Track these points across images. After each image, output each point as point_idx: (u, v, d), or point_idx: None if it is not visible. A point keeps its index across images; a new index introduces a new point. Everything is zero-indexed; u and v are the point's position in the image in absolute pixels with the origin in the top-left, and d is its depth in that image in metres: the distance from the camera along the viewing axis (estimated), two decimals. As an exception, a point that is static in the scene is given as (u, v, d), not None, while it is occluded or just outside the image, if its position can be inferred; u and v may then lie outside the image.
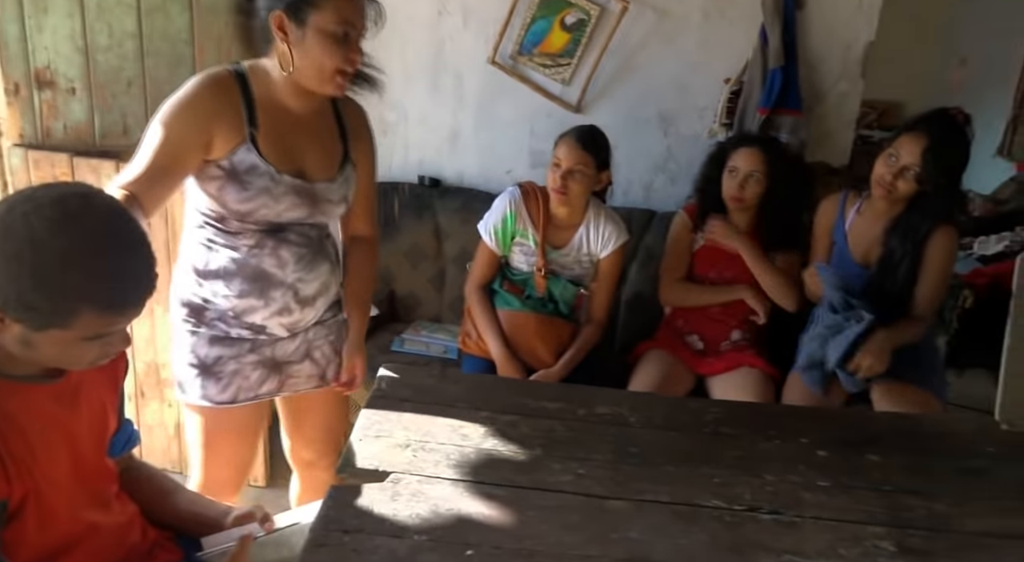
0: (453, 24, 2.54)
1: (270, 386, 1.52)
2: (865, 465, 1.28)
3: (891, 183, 1.87)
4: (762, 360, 2.13)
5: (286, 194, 1.38)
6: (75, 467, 1.07)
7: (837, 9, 2.39)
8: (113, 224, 0.94)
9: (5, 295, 0.88)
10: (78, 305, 0.90)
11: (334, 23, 1.29)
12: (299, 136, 1.41)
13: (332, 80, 1.34)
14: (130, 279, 0.95)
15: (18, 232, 0.87)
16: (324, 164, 1.45)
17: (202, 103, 1.32)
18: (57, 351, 0.96)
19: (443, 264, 2.57)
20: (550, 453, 1.26)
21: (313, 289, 1.48)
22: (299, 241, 1.44)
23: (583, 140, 1.96)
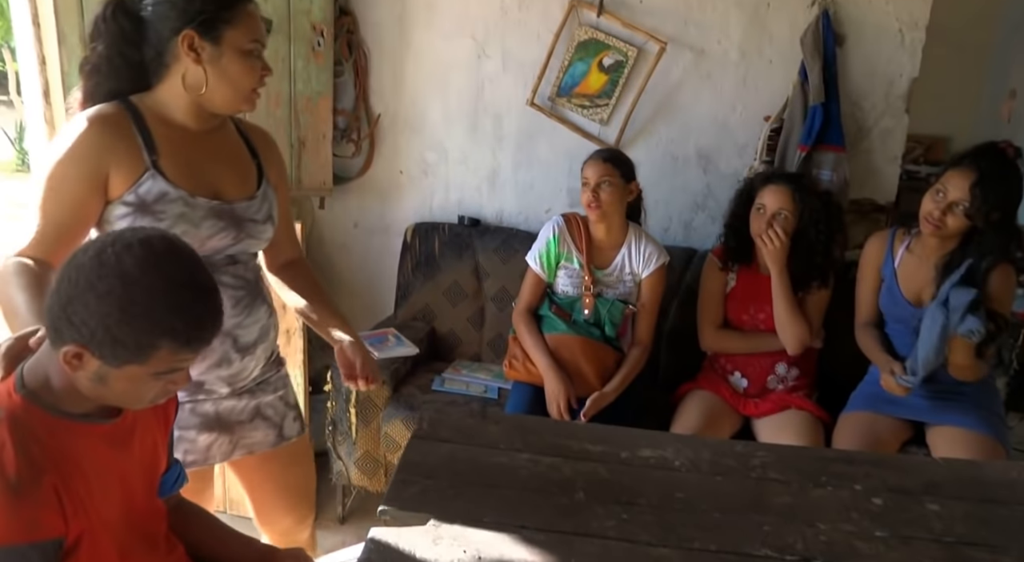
0: (493, 67, 2.60)
1: (221, 448, 1.43)
2: (924, 514, 1.21)
3: (940, 219, 1.83)
4: (810, 402, 2.08)
5: (205, 218, 1.29)
6: (127, 508, 1.09)
7: (879, 45, 2.38)
8: (192, 264, 1.00)
9: (92, 330, 0.93)
10: (159, 340, 0.95)
11: (249, 40, 1.26)
12: (206, 156, 1.32)
13: (248, 97, 1.29)
14: (207, 317, 1.00)
15: (111, 269, 0.92)
16: (240, 182, 1.37)
17: (88, 143, 1.21)
18: (127, 387, 1.00)
19: (483, 303, 2.58)
20: (593, 497, 1.23)
21: (253, 335, 1.39)
22: (234, 283, 1.36)
23: (604, 155, 2.10)
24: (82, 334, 0.93)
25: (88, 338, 0.93)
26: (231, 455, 1.47)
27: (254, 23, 1.27)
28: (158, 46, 1.25)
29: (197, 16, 1.22)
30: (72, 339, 0.94)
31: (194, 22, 1.22)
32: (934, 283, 1.90)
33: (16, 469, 0.91)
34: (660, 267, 2.12)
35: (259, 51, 1.29)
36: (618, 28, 2.46)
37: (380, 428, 2.21)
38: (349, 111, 2.65)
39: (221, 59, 1.25)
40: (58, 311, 0.94)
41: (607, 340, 2.11)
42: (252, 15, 1.27)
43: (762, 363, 2.16)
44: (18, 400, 0.97)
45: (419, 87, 2.65)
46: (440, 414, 1.46)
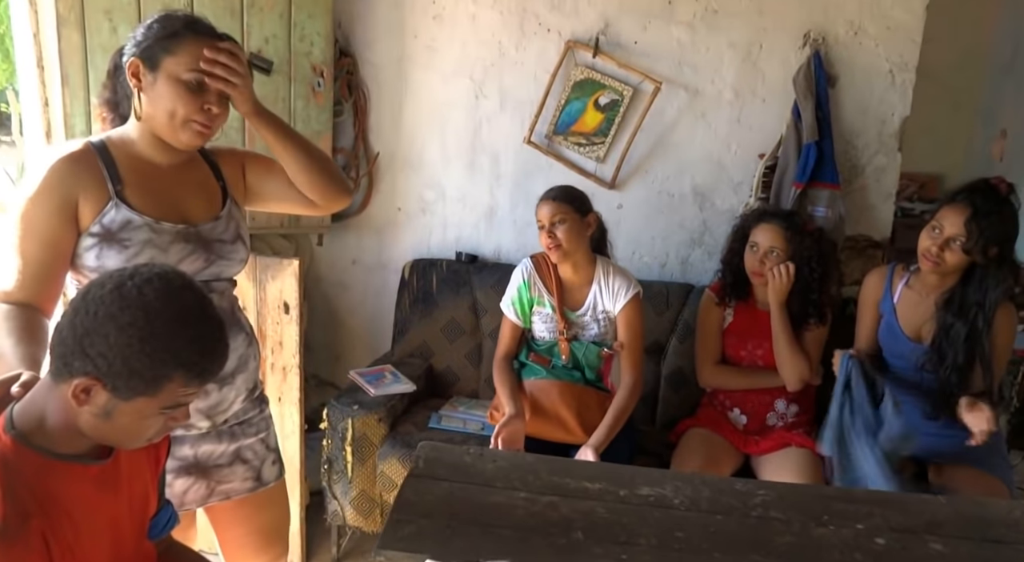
0: (490, 107, 2.64)
1: (198, 493, 1.41)
2: (928, 555, 1.19)
3: (937, 255, 1.84)
4: (811, 440, 2.05)
5: (173, 242, 1.30)
6: (115, 552, 1.07)
7: (871, 85, 2.43)
8: (204, 299, 1.02)
9: (110, 361, 0.93)
10: (174, 371, 0.96)
11: (186, 69, 1.25)
12: (172, 183, 1.34)
13: (184, 129, 1.27)
14: (218, 351, 1.02)
15: (133, 301, 0.94)
16: (205, 205, 1.37)
17: (57, 180, 1.24)
18: (131, 423, 0.99)
19: (480, 339, 2.58)
20: (591, 536, 1.21)
21: (232, 364, 1.37)
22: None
23: (552, 194, 2.05)
24: (97, 366, 0.94)
25: (104, 370, 0.94)
26: (207, 500, 1.44)
27: (196, 53, 1.26)
28: (125, 81, 1.30)
29: (141, 45, 1.27)
30: (84, 372, 0.94)
31: (139, 51, 1.27)
32: (934, 319, 1.90)
33: (3, 513, 0.90)
34: (632, 298, 2.04)
35: (199, 82, 1.26)
36: (613, 68, 2.51)
37: (376, 466, 2.18)
38: (348, 150, 2.68)
39: (155, 86, 1.26)
40: (72, 344, 0.94)
41: (589, 382, 2.07)
42: (194, 45, 1.26)
43: (762, 399, 2.14)
44: (8, 441, 0.96)
45: (417, 126, 2.69)
46: (436, 452, 1.44)
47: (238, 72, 1.29)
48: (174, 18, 1.29)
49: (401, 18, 2.60)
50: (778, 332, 2.06)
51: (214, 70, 1.27)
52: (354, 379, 2.36)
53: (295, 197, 1.48)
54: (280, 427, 2.16)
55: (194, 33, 1.27)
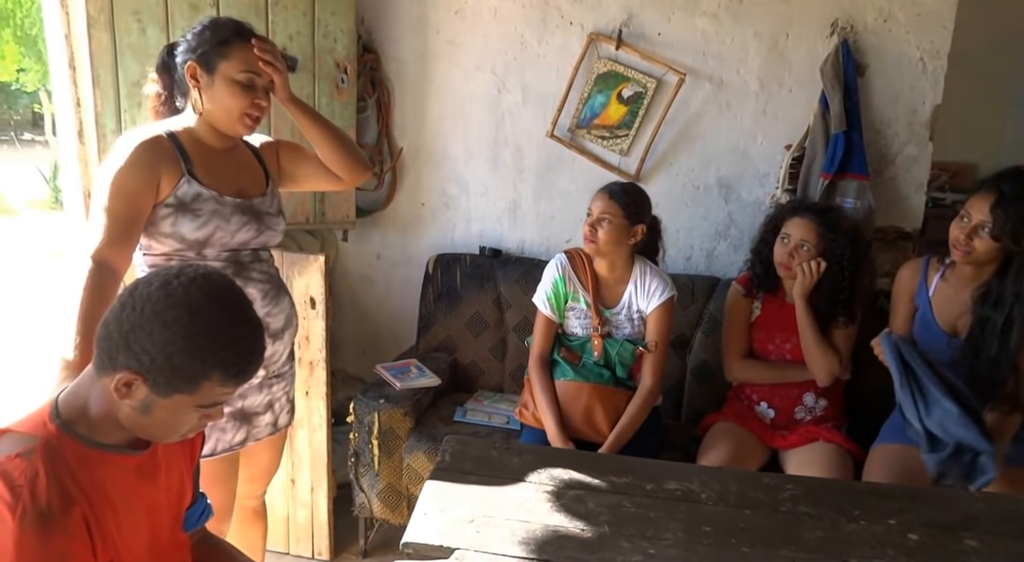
0: (513, 101, 2.63)
1: (240, 437, 1.63)
2: (963, 551, 1.18)
3: (967, 243, 1.80)
4: (839, 434, 2.03)
5: (233, 213, 1.53)
6: (152, 540, 1.09)
7: (901, 74, 2.38)
8: (247, 302, 1.05)
9: (153, 357, 0.96)
10: (212, 370, 0.98)
11: (239, 71, 1.48)
12: (227, 163, 1.58)
13: (240, 121, 1.51)
14: (256, 353, 1.04)
15: (179, 299, 0.97)
16: (254, 182, 1.62)
17: (144, 156, 1.45)
18: (168, 418, 1.02)
19: (504, 334, 2.58)
20: (618, 531, 1.21)
21: (280, 322, 1.62)
22: (262, 277, 1.60)
23: (612, 191, 2.01)
24: (141, 362, 0.96)
25: (147, 366, 0.96)
26: (244, 444, 1.64)
27: (247, 56, 1.49)
28: (180, 77, 1.53)
29: (197, 50, 1.49)
30: (126, 366, 0.96)
31: (195, 55, 1.49)
32: (970, 311, 1.86)
33: (48, 499, 0.92)
34: (665, 302, 2.01)
35: (251, 82, 1.50)
36: (637, 60, 2.49)
37: (403, 459, 2.20)
38: (372, 145, 2.69)
39: (213, 86, 1.49)
40: (118, 338, 0.97)
41: (619, 382, 2.05)
42: (245, 50, 1.49)
43: (790, 393, 2.12)
44: (53, 429, 0.99)
45: (440, 121, 2.70)
46: (462, 445, 1.45)
47: (277, 67, 1.54)
48: (225, 26, 1.50)
49: (423, 13, 2.61)
50: (804, 328, 2.03)
51: (264, 56, 1.50)
52: (380, 373, 2.38)
53: (323, 174, 1.75)
54: (307, 421, 2.19)
55: (242, 39, 1.50)
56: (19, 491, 0.91)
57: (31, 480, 0.92)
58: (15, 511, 0.89)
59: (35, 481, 0.92)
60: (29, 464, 0.93)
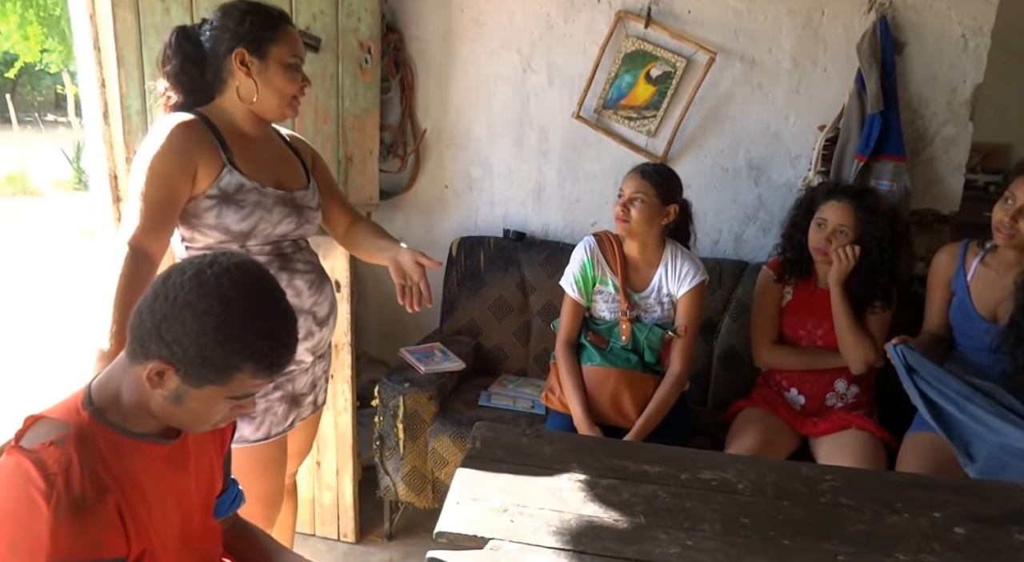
0: (538, 81, 2.58)
1: (290, 420, 1.64)
2: (1013, 546, 1.14)
3: (1011, 226, 1.75)
4: (871, 422, 2.00)
5: (275, 205, 1.52)
6: (184, 528, 1.09)
7: (941, 51, 2.30)
8: (281, 293, 1.02)
9: (185, 347, 0.94)
10: (244, 362, 0.97)
11: (290, 55, 1.48)
12: (266, 154, 1.56)
13: (291, 104, 1.52)
14: (290, 344, 1.02)
15: (211, 289, 0.95)
16: (294, 175, 1.61)
17: (181, 142, 1.42)
18: (199, 409, 1.01)
19: (529, 317, 2.56)
20: (654, 521, 1.19)
21: (326, 310, 1.63)
22: (306, 268, 1.59)
23: (644, 170, 1.98)
24: (173, 351, 0.95)
25: (179, 356, 0.95)
26: (293, 425, 1.65)
27: (294, 40, 1.50)
28: (216, 64, 1.48)
29: (246, 36, 1.45)
30: (159, 355, 0.95)
31: (244, 41, 1.45)
32: (1012, 296, 1.81)
33: (82, 486, 0.92)
34: (696, 287, 1.98)
35: (299, 64, 1.51)
36: (666, 39, 2.43)
37: (427, 443, 2.19)
38: (395, 127, 2.66)
39: (267, 71, 1.47)
40: (150, 327, 0.95)
41: (647, 367, 2.02)
42: (292, 34, 1.50)
43: (821, 380, 2.08)
44: (86, 417, 0.98)
45: (464, 102, 2.66)
46: (493, 432, 1.43)
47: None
48: (270, 11, 1.48)
49: (448, -9, 2.56)
50: (839, 315, 1.99)
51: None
52: (404, 357, 2.37)
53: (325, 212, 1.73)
54: (332, 404, 2.19)
55: (287, 23, 1.50)
56: (53, 479, 0.90)
57: (65, 468, 0.91)
58: (49, 499, 0.89)
59: (69, 469, 0.92)
60: (63, 452, 0.92)
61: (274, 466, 1.63)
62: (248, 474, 1.56)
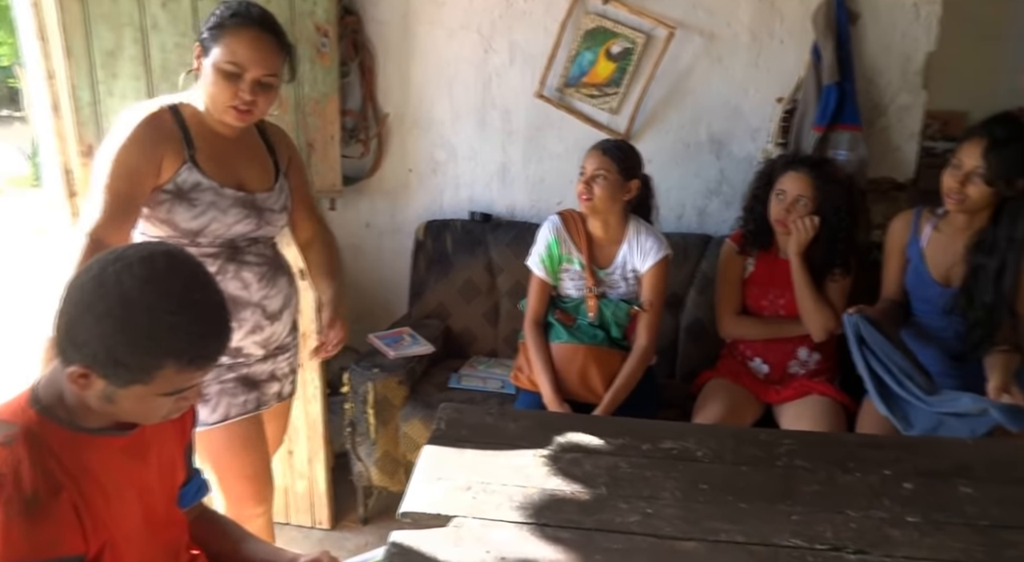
0: (499, 61, 2.57)
1: (250, 403, 1.62)
2: (958, 498, 1.19)
3: (960, 191, 1.79)
4: (832, 387, 2.04)
5: (232, 206, 1.49)
6: (147, 519, 1.08)
7: (894, 21, 2.33)
8: (197, 281, 0.98)
9: (94, 352, 0.91)
10: (162, 360, 0.93)
11: (224, 61, 1.40)
12: (233, 153, 1.52)
13: (228, 112, 1.44)
14: (210, 336, 0.98)
15: (110, 290, 0.91)
16: (261, 176, 1.57)
17: (147, 133, 1.41)
18: (136, 406, 0.99)
19: (497, 298, 2.57)
20: (615, 492, 1.21)
21: (278, 303, 1.60)
22: (257, 261, 1.56)
23: (605, 147, 1.99)
24: (85, 355, 0.92)
25: (92, 359, 0.92)
26: (257, 409, 1.63)
27: (236, 49, 1.41)
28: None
29: (205, 29, 1.44)
30: (77, 360, 0.93)
31: (203, 34, 1.45)
32: (964, 261, 1.85)
33: (33, 486, 0.91)
34: (660, 261, 2.01)
35: (236, 73, 1.41)
36: (625, 15, 2.43)
37: (399, 428, 2.20)
38: (357, 111, 2.64)
39: (205, 70, 1.44)
40: (63, 332, 0.93)
41: (613, 342, 2.04)
42: (241, 38, 1.41)
43: (783, 348, 2.12)
44: (33, 415, 0.97)
45: (426, 84, 2.64)
46: (458, 413, 1.44)
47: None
48: (238, 11, 1.43)
49: (404, -28, 2.53)
50: (799, 284, 2.02)
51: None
52: (373, 342, 2.37)
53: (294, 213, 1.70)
54: (303, 392, 2.19)
55: (243, 26, 1.41)
56: (3, 480, 0.89)
57: (14, 468, 0.90)
58: (0, 500, 0.88)
59: (19, 469, 0.91)
60: (11, 452, 0.92)
61: (251, 444, 1.62)
62: (223, 455, 1.60)
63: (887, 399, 1.76)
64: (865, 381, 1.80)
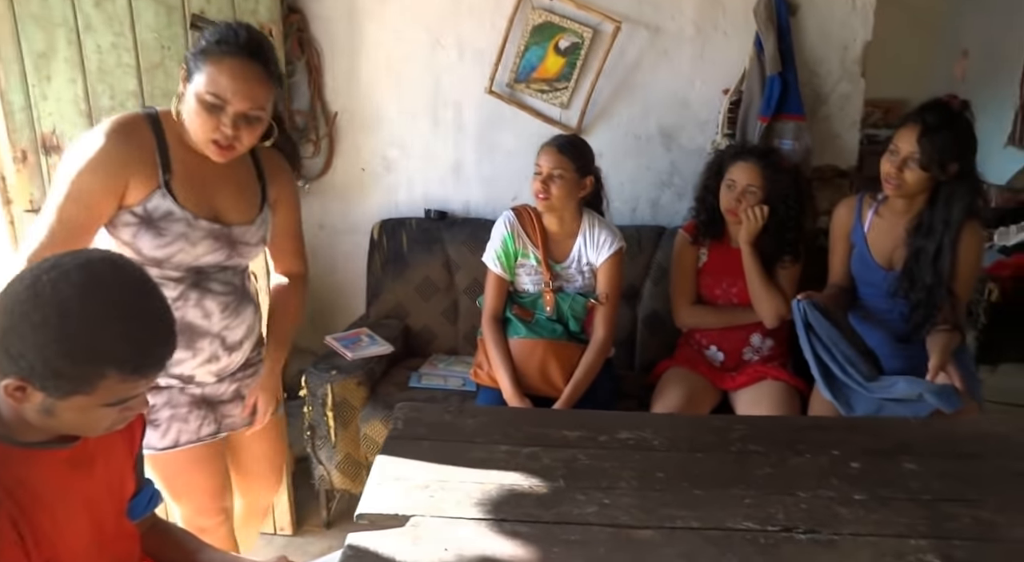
0: (449, 57, 2.56)
1: (209, 428, 1.53)
2: (902, 474, 1.23)
3: (897, 176, 1.85)
4: (786, 372, 2.09)
5: (203, 238, 1.37)
6: (95, 533, 1.05)
7: (832, 11, 2.38)
8: (138, 289, 0.95)
9: (31, 363, 0.88)
10: (103, 369, 0.90)
11: (206, 91, 1.28)
12: (215, 180, 1.39)
13: (207, 145, 1.32)
14: (154, 343, 0.95)
15: (46, 299, 0.88)
16: (241, 207, 1.44)
17: (114, 150, 1.28)
18: (78, 418, 0.96)
19: (455, 296, 2.56)
20: (573, 484, 1.22)
21: (240, 334, 1.50)
22: (223, 290, 1.45)
23: (560, 145, 1.99)
24: (21, 367, 0.89)
25: (28, 371, 0.89)
26: (216, 434, 1.55)
27: (219, 79, 1.28)
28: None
29: (193, 49, 1.32)
30: (12, 372, 0.90)
31: (190, 53, 1.32)
32: (904, 244, 1.92)
33: None
34: (614, 253, 2.02)
35: (218, 105, 1.28)
36: (572, 10, 2.44)
37: (359, 429, 2.18)
38: (305, 111, 2.60)
39: (187, 97, 1.31)
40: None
41: (572, 336, 2.06)
42: (219, 70, 1.28)
43: (737, 336, 2.17)
44: None
45: (375, 82, 2.61)
46: (416, 412, 1.44)
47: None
48: (227, 36, 1.30)
49: (348, -32, 2.50)
50: (750, 272, 2.06)
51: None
52: (330, 344, 2.34)
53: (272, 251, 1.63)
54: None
55: (231, 55, 1.28)
56: None
57: None
58: None
59: None
60: None
61: (204, 464, 1.55)
62: (177, 476, 1.53)
63: (831, 384, 1.81)
64: (811, 366, 1.85)
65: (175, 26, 2.16)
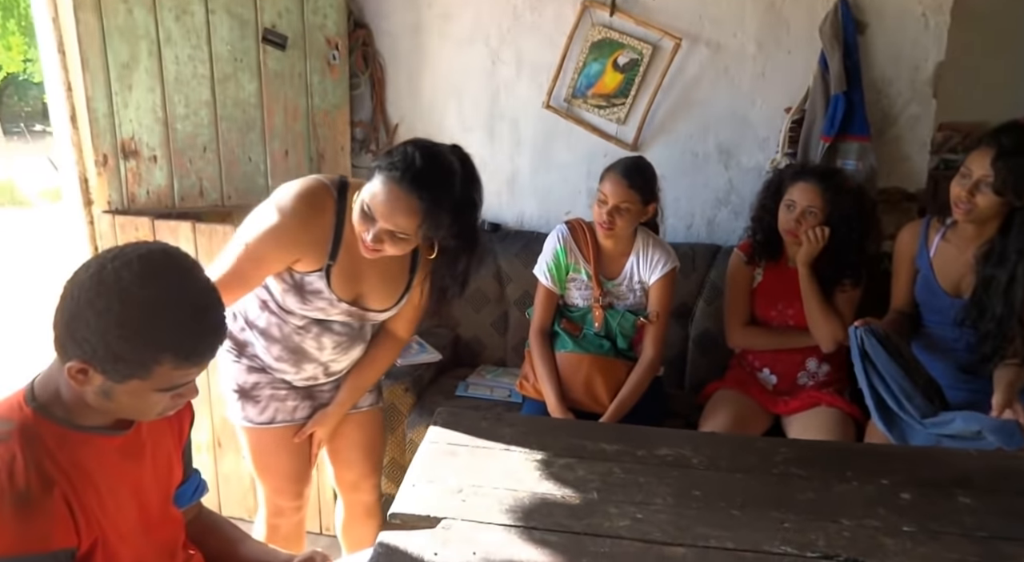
0: (507, 73, 2.60)
1: (304, 412, 1.65)
2: (956, 508, 1.16)
3: (968, 200, 1.77)
4: (841, 398, 2.01)
5: (340, 314, 1.54)
6: (142, 518, 1.10)
7: (903, 30, 2.31)
8: (194, 278, 1.01)
9: (94, 347, 0.94)
10: (160, 355, 0.96)
11: (365, 201, 1.35)
12: (369, 269, 1.50)
13: (359, 239, 1.39)
14: (207, 331, 1.01)
15: (110, 286, 0.94)
16: (384, 297, 1.56)
17: (296, 229, 1.41)
18: (133, 402, 1.01)
19: (506, 307, 2.58)
20: (607, 497, 1.21)
21: (343, 366, 1.65)
22: (343, 331, 1.58)
23: (629, 176, 1.93)
24: (84, 351, 0.95)
25: (91, 355, 0.95)
26: (309, 417, 1.66)
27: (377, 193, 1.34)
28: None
29: (375, 158, 1.44)
30: (76, 355, 0.95)
31: (374, 162, 1.39)
32: (973, 271, 1.83)
33: (26, 481, 0.93)
34: (667, 274, 2.00)
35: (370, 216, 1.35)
36: (631, 26, 2.44)
37: (405, 435, 2.21)
38: (367, 122, 2.68)
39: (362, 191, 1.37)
40: (62, 328, 0.96)
41: (619, 353, 2.04)
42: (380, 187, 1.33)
43: (792, 359, 2.10)
44: (28, 413, 0.99)
45: (435, 95, 2.67)
46: (454, 418, 1.45)
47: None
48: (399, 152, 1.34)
49: (414, -14, 2.57)
50: (807, 294, 2.00)
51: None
52: (381, 350, 2.38)
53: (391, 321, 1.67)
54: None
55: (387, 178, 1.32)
56: None
57: (8, 464, 0.93)
58: None
59: (12, 464, 0.93)
60: (6, 448, 0.94)
61: (293, 447, 1.66)
62: (265, 451, 1.66)
63: (886, 416, 1.74)
64: (866, 396, 1.77)
65: (248, 39, 2.27)
